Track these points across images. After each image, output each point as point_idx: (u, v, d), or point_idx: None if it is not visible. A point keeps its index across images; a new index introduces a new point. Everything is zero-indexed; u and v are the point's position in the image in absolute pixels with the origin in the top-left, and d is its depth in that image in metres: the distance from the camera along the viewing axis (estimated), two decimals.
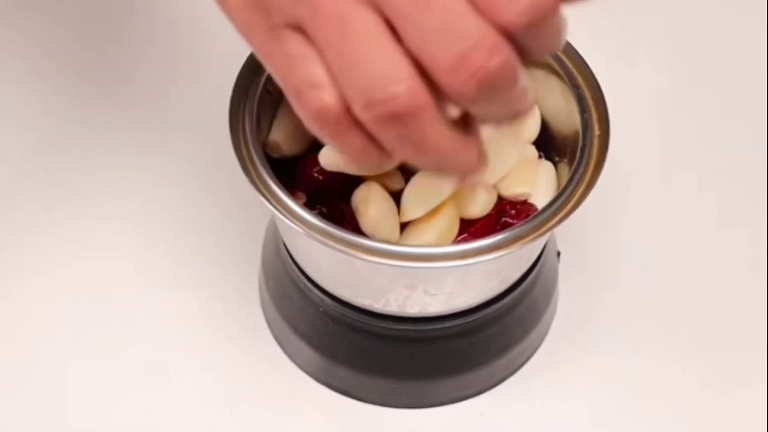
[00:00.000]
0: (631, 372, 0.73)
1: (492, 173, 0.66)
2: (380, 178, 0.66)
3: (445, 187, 0.64)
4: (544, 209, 0.62)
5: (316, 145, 0.68)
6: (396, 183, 0.66)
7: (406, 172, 0.66)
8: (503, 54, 0.46)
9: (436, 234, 0.64)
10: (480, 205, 0.66)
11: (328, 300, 0.68)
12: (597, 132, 0.65)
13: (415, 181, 0.65)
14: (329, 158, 0.64)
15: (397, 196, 0.66)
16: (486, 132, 0.66)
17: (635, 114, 0.84)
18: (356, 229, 0.64)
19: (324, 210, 0.66)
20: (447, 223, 0.65)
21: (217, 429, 0.71)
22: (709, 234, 0.80)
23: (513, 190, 0.67)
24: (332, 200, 0.66)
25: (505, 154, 0.67)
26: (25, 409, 0.71)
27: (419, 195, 0.64)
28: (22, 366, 0.73)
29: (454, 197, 0.65)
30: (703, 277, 0.77)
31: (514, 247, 0.60)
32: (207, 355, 0.74)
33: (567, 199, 0.62)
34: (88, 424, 0.71)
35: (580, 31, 0.71)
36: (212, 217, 0.79)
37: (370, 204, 0.64)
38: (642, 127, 0.84)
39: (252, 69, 0.66)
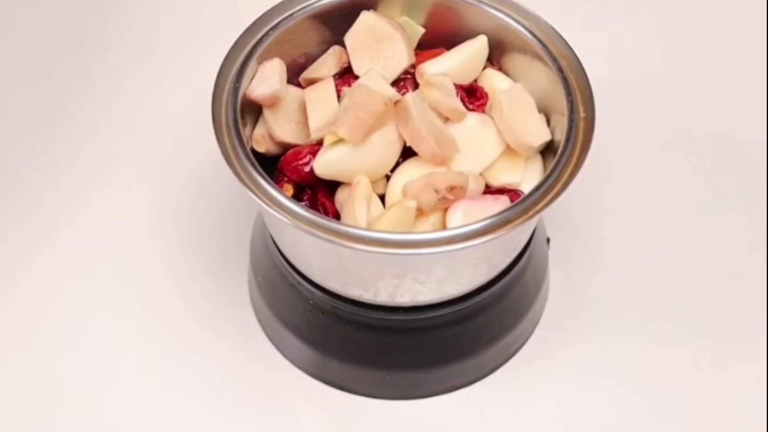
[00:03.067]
0: (625, 357, 0.73)
1: (477, 162, 0.66)
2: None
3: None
4: (532, 192, 0.61)
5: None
6: (382, 187, 0.66)
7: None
8: None
9: (429, 228, 0.64)
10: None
11: (317, 292, 0.67)
12: (582, 114, 0.65)
13: (401, 172, 0.65)
14: (325, 168, 0.64)
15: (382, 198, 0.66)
16: (469, 121, 0.67)
17: (621, 97, 0.84)
18: None
19: (308, 204, 0.66)
20: (439, 216, 0.64)
21: (211, 427, 0.70)
22: (699, 217, 0.79)
23: (501, 179, 0.66)
24: (317, 194, 0.66)
25: (489, 142, 0.67)
26: (15, 410, 0.71)
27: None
28: (12, 366, 0.72)
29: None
30: (693, 260, 0.77)
31: (502, 231, 0.60)
32: (198, 355, 0.73)
33: (554, 182, 0.62)
34: (81, 423, 0.70)
35: (566, 15, 0.72)
36: (199, 216, 0.79)
37: (356, 201, 0.64)
38: (628, 110, 0.84)
39: (234, 63, 0.66)
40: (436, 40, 0.70)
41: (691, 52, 0.89)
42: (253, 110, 0.67)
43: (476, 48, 0.69)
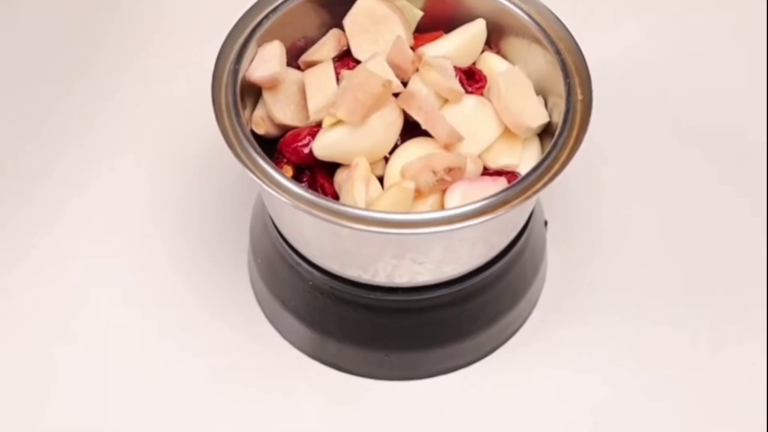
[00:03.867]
0: (622, 337, 0.73)
1: (475, 144, 0.67)
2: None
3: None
4: (529, 173, 0.62)
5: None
6: (381, 169, 0.66)
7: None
8: None
9: (427, 209, 0.64)
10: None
11: (316, 273, 0.68)
12: (580, 97, 0.65)
13: (399, 153, 0.66)
14: (324, 149, 0.65)
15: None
16: (467, 104, 0.67)
17: (620, 82, 0.85)
18: None
19: (307, 185, 0.66)
20: (437, 197, 0.65)
21: (212, 408, 0.71)
22: (695, 199, 0.80)
23: (499, 161, 0.67)
24: (316, 175, 0.66)
25: (487, 124, 0.67)
26: (17, 389, 0.71)
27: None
28: (16, 348, 0.73)
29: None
30: (690, 242, 0.78)
31: (500, 212, 0.60)
32: (198, 336, 0.74)
33: (551, 163, 0.62)
34: (81, 403, 0.71)
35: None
36: (199, 198, 0.80)
37: (355, 183, 0.64)
38: (626, 94, 0.85)
39: (234, 46, 0.67)
40: (435, 23, 0.71)
41: (691, 38, 0.89)
42: (252, 92, 0.68)
43: (474, 31, 0.69)
